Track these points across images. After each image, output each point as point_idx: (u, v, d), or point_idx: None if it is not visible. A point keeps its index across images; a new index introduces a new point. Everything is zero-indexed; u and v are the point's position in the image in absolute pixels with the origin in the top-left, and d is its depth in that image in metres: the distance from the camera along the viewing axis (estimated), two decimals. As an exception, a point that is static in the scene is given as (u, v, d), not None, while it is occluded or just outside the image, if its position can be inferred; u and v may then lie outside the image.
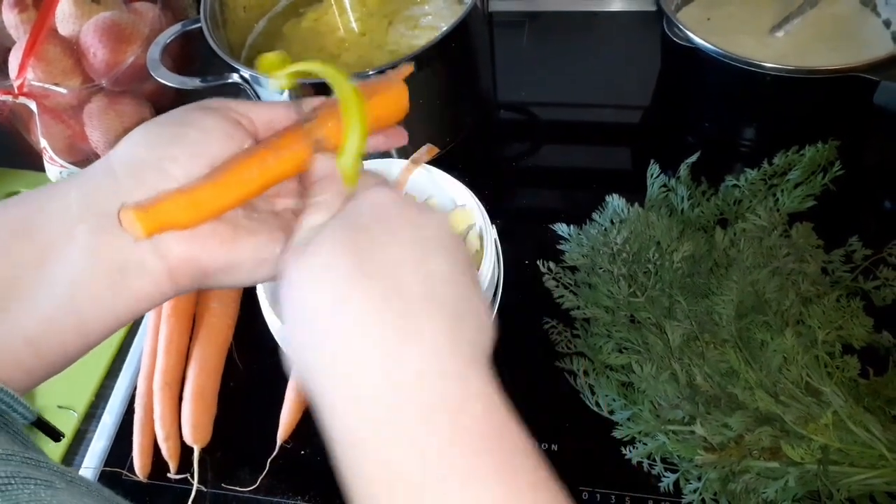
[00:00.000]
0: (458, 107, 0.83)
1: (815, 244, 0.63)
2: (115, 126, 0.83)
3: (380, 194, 0.35)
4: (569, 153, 0.86)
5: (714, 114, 0.82)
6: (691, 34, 0.70)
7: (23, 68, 0.78)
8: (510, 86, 0.92)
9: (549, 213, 0.73)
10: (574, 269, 0.68)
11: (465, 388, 0.31)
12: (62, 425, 0.70)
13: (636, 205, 0.68)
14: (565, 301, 0.66)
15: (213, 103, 0.39)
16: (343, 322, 0.31)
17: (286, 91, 0.39)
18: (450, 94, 0.79)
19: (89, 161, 0.85)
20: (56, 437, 0.67)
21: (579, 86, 0.91)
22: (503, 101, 0.92)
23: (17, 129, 0.88)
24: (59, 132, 0.84)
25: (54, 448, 0.68)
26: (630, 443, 0.58)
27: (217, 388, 0.69)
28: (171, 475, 0.65)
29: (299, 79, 0.38)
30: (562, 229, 0.69)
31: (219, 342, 0.71)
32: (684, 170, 0.69)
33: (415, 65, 0.69)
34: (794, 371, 0.55)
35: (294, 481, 0.63)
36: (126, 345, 0.75)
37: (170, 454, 0.65)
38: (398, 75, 0.43)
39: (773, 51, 0.76)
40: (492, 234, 0.55)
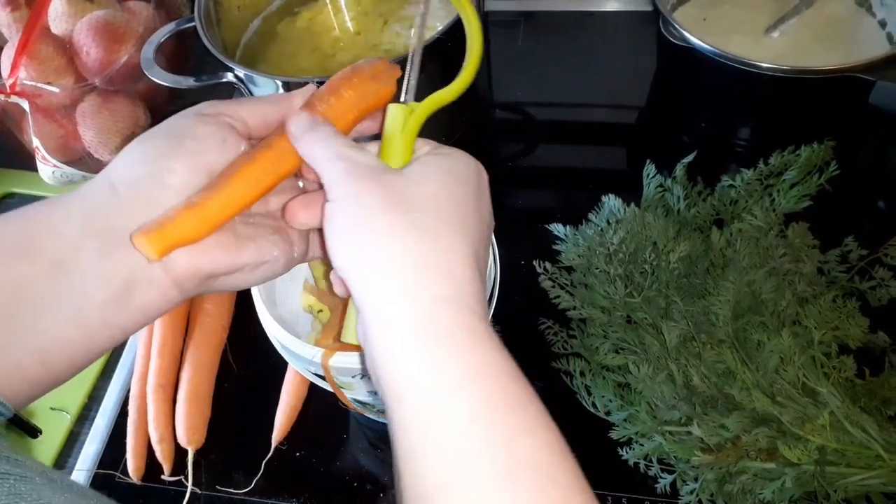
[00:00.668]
0: (453, 106, 0.82)
1: (811, 244, 0.63)
2: (109, 125, 0.82)
3: (480, 167, 0.40)
4: (565, 153, 0.86)
5: (710, 114, 0.82)
6: (687, 34, 0.70)
7: (15, 67, 0.77)
8: (506, 86, 0.92)
9: (545, 214, 0.73)
10: (570, 269, 0.68)
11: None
12: (55, 427, 0.69)
13: (632, 205, 0.68)
14: (561, 301, 0.65)
15: (205, 109, 0.39)
16: (447, 255, 0.34)
17: None
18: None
19: (82, 161, 0.85)
20: (33, 433, 0.67)
21: (575, 86, 0.91)
22: (499, 100, 0.92)
23: (9, 129, 0.87)
24: (52, 132, 0.83)
25: (47, 449, 0.68)
26: (627, 444, 0.58)
27: (211, 389, 0.69)
28: (166, 477, 0.64)
29: None
30: (558, 229, 0.69)
31: (213, 343, 0.70)
32: (680, 170, 0.69)
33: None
34: (791, 371, 0.55)
35: (289, 483, 0.63)
36: (119, 347, 0.75)
37: (164, 456, 0.65)
38: (391, 69, 0.42)
39: (769, 51, 0.76)
40: (488, 235, 0.55)
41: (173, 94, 0.88)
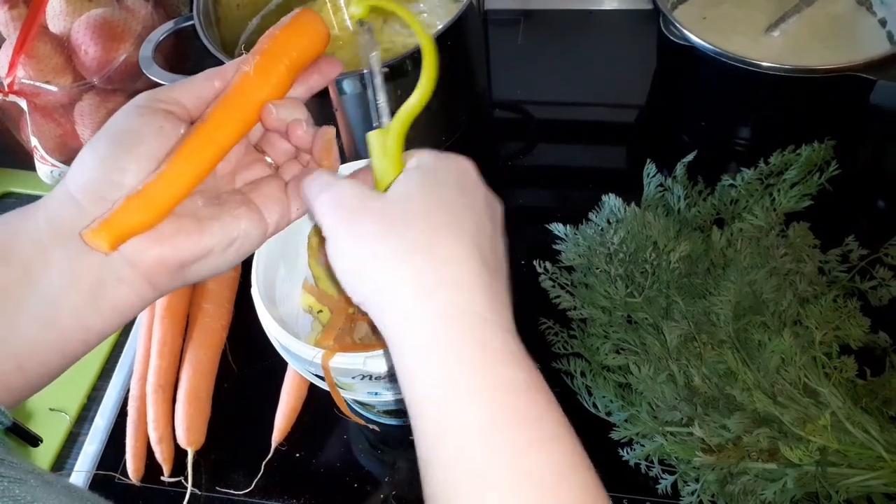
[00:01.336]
0: (453, 105, 0.82)
1: (811, 244, 0.63)
2: (107, 125, 0.82)
3: (461, 160, 0.40)
4: (564, 152, 0.86)
5: (710, 113, 0.82)
6: (688, 33, 0.70)
7: (13, 66, 0.77)
8: (505, 84, 0.92)
9: (545, 213, 0.73)
10: (570, 269, 0.68)
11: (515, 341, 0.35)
12: (54, 428, 0.69)
13: (633, 204, 0.68)
14: (562, 301, 0.65)
15: (140, 100, 0.39)
16: (435, 257, 0.35)
17: (359, 21, 0.42)
18: (444, 93, 0.78)
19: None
20: (34, 441, 0.67)
21: (575, 84, 0.91)
22: (498, 99, 0.91)
23: (7, 128, 0.87)
24: (50, 130, 0.83)
25: (46, 451, 0.68)
26: (628, 444, 0.58)
27: (211, 390, 0.68)
28: (165, 478, 0.64)
29: (371, 12, 0.41)
30: (558, 229, 0.69)
31: (213, 344, 0.70)
32: (681, 169, 0.69)
33: (410, 63, 0.69)
34: (792, 372, 0.54)
35: (289, 484, 0.63)
36: (118, 347, 0.75)
37: (163, 457, 0.64)
38: (315, 20, 0.42)
39: (769, 50, 0.76)
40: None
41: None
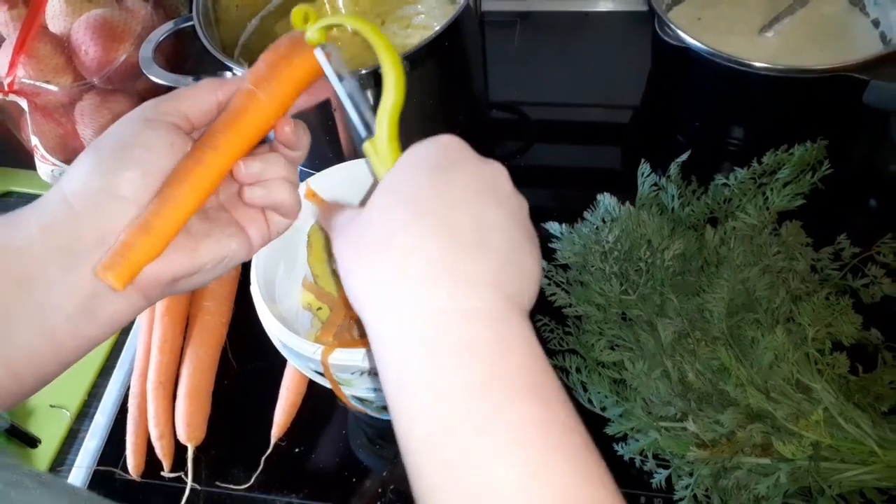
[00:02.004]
0: (449, 106, 0.83)
1: (804, 242, 0.64)
2: (107, 124, 0.82)
3: (444, 140, 0.37)
4: (560, 152, 0.87)
5: (704, 113, 0.82)
6: (682, 34, 0.71)
7: (13, 66, 0.77)
8: (501, 85, 0.92)
9: (541, 212, 0.72)
10: (566, 267, 0.68)
11: (505, 331, 0.32)
12: (54, 424, 0.70)
13: (627, 203, 0.68)
14: (557, 299, 0.66)
15: (148, 112, 0.39)
16: (395, 255, 0.33)
17: (319, 46, 0.40)
18: (441, 94, 0.79)
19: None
20: (32, 443, 0.67)
21: (570, 85, 0.91)
22: (494, 100, 0.92)
23: (7, 128, 0.87)
24: (51, 130, 0.84)
25: (46, 447, 0.68)
26: (622, 439, 0.58)
27: (211, 386, 0.69)
28: (165, 474, 0.64)
29: (330, 31, 0.40)
30: (553, 228, 0.70)
31: (213, 341, 0.71)
32: (675, 169, 0.70)
33: (408, 64, 0.70)
34: (785, 368, 0.55)
35: (288, 479, 0.63)
36: (119, 344, 0.75)
37: (164, 453, 0.65)
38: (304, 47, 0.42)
39: (763, 50, 0.77)
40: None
41: (171, 93, 0.88)
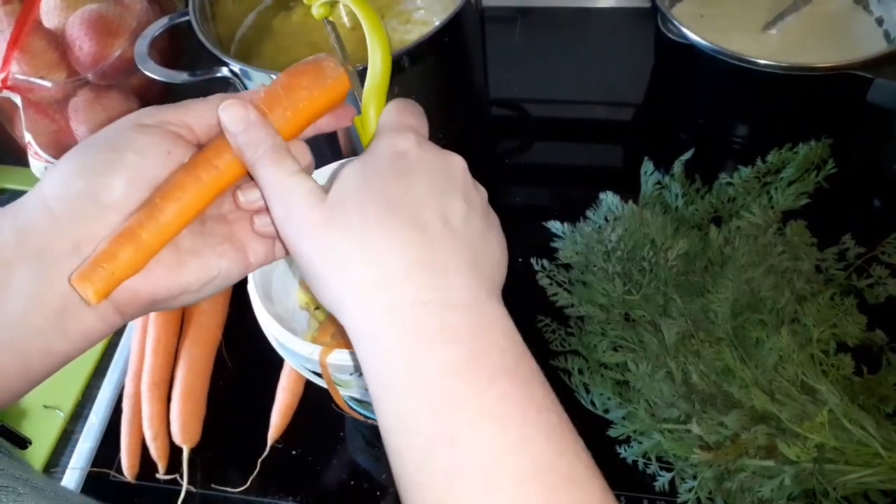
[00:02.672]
0: (449, 103, 0.82)
1: (809, 242, 0.63)
2: (102, 120, 0.82)
3: (399, 139, 0.36)
4: (562, 150, 0.86)
5: (708, 111, 0.82)
6: (686, 30, 0.70)
7: (7, 61, 0.76)
8: (502, 82, 0.92)
9: (543, 211, 0.72)
10: (568, 266, 0.67)
11: (482, 316, 0.33)
12: (48, 425, 0.69)
13: (630, 202, 0.68)
14: (559, 299, 0.65)
15: (146, 118, 0.36)
16: (371, 257, 0.33)
17: (324, 19, 0.42)
18: (441, 90, 0.78)
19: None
20: (22, 444, 0.66)
21: (572, 82, 0.91)
22: (495, 97, 0.91)
23: (0, 124, 0.86)
24: (44, 126, 0.83)
25: (40, 448, 0.67)
26: (625, 442, 0.58)
27: (206, 387, 0.68)
28: (160, 476, 0.64)
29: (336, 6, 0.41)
30: (555, 227, 0.69)
31: (208, 341, 0.70)
32: (678, 167, 0.69)
33: (407, 60, 0.69)
34: (790, 369, 0.54)
35: (285, 481, 0.62)
36: (113, 344, 0.74)
37: (158, 454, 0.64)
38: (336, 69, 0.41)
39: (766, 48, 0.76)
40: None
41: (167, 89, 0.87)
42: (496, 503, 0.29)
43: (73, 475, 0.65)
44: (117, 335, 0.75)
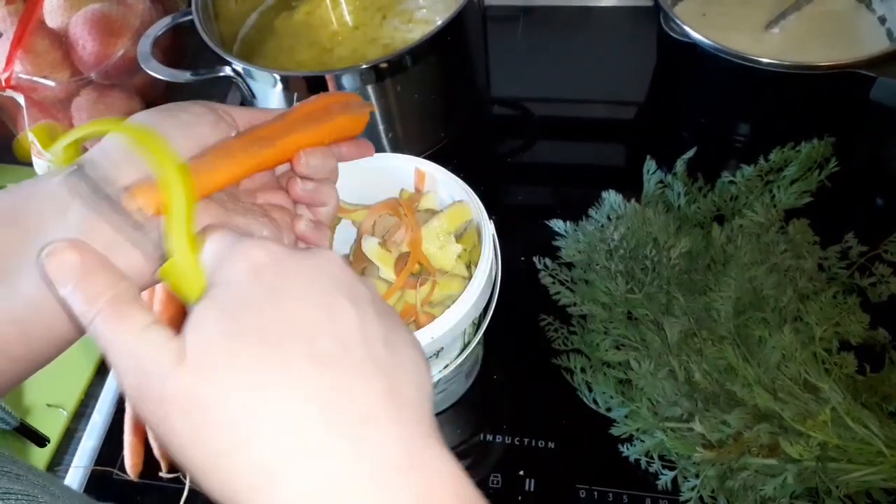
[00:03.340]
0: (451, 102, 0.82)
1: (811, 240, 0.63)
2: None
3: (248, 252, 0.29)
4: (564, 149, 0.86)
5: (710, 109, 0.81)
6: (688, 29, 0.70)
7: (10, 61, 0.76)
8: (504, 81, 0.92)
9: (545, 210, 0.72)
10: (570, 265, 0.67)
11: (430, 475, 0.27)
12: (51, 423, 0.69)
13: (633, 201, 0.68)
14: (562, 298, 0.65)
15: (199, 102, 0.41)
16: (269, 422, 0.25)
17: (65, 167, 0.34)
18: (444, 89, 0.78)
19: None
20: (41, 442, 0.66)
21: (574, 81, 0.91)
22: (497, 96, 0.91)
23: (3, 123, 0.87)
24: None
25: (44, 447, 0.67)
26: (627, 440, 0.58)
27: (209, 385, 0.68)
28: (163, 474, 0.64)
29: (82, 144, 0.39)
30: (558, 225, 0.69)
31: (211, 339, 0.70)
32: (681, 166, 0.69)
33: (409, 59, 0.69)
34: (792, 368, 0.54)
35: (288, 480, 0.62)
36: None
37: (161, 453, 0.64)
38: (363, 106, 0.46)
39: (769, 47, 0.76)
40: (490, 230, 0.54)
41: (170, 89, 0.88)
42: None
43: (76, 474, 0.65)
44: (120, 334, 0.75)
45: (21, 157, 0.39)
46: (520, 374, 0.65)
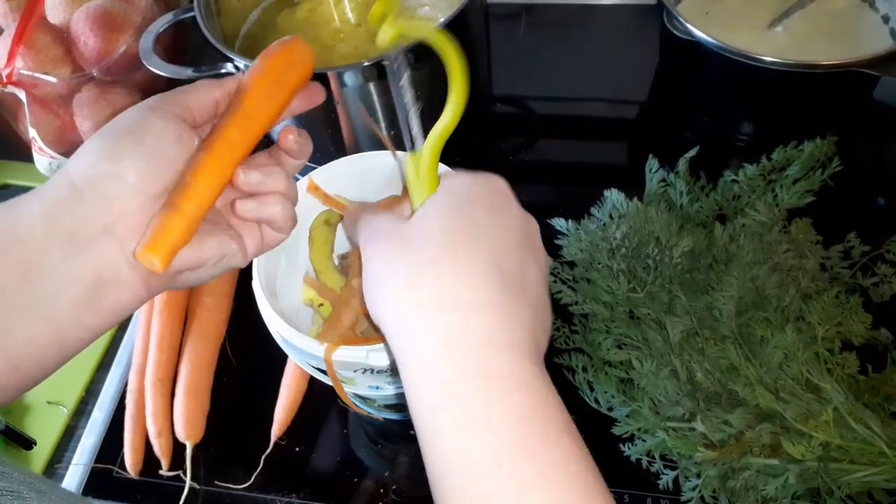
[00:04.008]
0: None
1: (814, 240, 0.63)
2: (106, 116, 0.82)
3: (494, 177, 0.39)
4: (566, 147, 0.86)
5: (713, 108, 0.81)
6: (691, 27, 0.70)
7: (12, 57, 0.76)
8: (506, 79, 0.91)
9: (547, 208, 0.72)
10: (572, 264, 0.67)
11: (540, 373, 0.34)
12: (51, 421, 0.69)
13: (635, 200, 0.67)
14: (563, 296, 0.65)
15: (155, 102, 0.40)
16: (445, 280, 0.34)
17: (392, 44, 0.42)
18: (445, 87, 0.78)
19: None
20: (27, 445, 0.66)
21: (576, 79, 0.90)
22: (499, 94, 0.91)
23: (5, 119, 0.86)
24: (49, 122, 0.83)
25: (43, 445, 0.67)
26: (629, 440, 0.58)
27: (210, 383, 0.68)
28: (164, 472, 0.64)
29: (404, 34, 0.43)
30: (560, 224, 0.69)
31: (212, 337, 0.70)
32: (683, 165, 0.69)
33: (411, 57, 0.69)
34: (795, 367, 0.54)
35: (288, 478, 0.62)
36: (117, 340, 0.74)
37: (162, 451, 0.64)
38: (304, 48, 0.45)
39: (772, 45, 0.76)
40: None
41: (172, 85, 0.87)
42: None
43: (76, 471, 0.65)
44: (121, 330, 0.75)
45: (374, 25, 0.43)
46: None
